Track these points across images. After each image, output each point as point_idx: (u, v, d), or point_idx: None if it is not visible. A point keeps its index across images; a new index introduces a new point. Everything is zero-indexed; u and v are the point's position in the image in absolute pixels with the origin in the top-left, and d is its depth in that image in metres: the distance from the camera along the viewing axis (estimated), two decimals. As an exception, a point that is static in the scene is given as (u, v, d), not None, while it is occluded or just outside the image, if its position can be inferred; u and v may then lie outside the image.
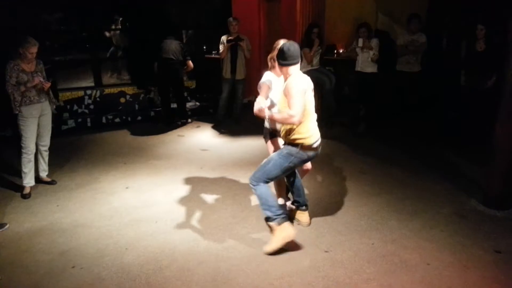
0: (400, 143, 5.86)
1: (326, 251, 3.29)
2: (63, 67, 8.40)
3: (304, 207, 3.69)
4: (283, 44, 3.16)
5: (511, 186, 3.90)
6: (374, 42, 6.14)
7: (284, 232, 3.21)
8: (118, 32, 8.67)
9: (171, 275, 3.05)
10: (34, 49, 4.24)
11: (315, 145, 3.23)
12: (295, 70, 3.16)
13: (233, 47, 6.54)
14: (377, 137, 6.12)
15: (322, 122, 6.34)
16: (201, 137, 6.49)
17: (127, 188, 4.61)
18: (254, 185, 3.25)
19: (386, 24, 7.30)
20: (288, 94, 3.06)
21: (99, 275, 3.08)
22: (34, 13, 6.51)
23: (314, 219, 3.78)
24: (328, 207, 4.05)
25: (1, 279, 3.02)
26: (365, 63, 6.22)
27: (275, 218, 3.22)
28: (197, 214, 3.94)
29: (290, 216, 3.66)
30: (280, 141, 3.53)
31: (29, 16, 6.33)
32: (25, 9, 6.25)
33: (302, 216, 3.69)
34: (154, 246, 3.43)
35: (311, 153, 3.25)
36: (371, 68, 6.23)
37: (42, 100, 4.45)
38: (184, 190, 4.50)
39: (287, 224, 3.26)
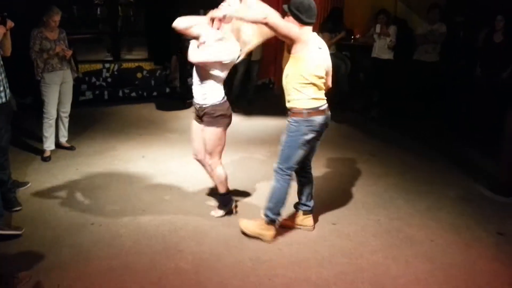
0: (411, 129, 5.92)
1: (333, 224, 3.42)
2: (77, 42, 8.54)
3: (311, 211, 3.34)
4: None
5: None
6: (392, 29, 6.18)
7: (267, 232, 3.11)
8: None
9: (186, 235, 3.21)
10: (57, 17, 4.39)
11: (321, 108, 2.93)
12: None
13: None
14: (389, 123, 6.18)
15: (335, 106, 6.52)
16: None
17: (143, 157, 4.76)
18: (279, 174, 3.03)
19: (404, 13, 7.30)
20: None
21: (117, 232, 3.25)
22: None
23: (324, 195, 3.88)
24: (337, 185, 4.16)
25: (24, 231, 3.19)
26: (382, 49, 6.26)
27: (272, 219, 3.10)
28: (210, 185, 4.07)
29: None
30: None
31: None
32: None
33: (307, 219, 3.32)
34: (169, 211, 3.59)
35: (320, 118, 2.92)
36: (388, 55, 6.27)
37: (64, 68, 4.60)
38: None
39: (273, 228, 3.13)
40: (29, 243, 3.08)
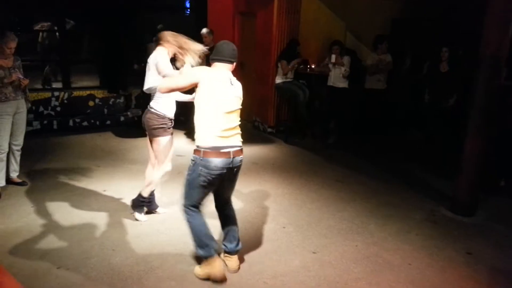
0: (368, 155, 6.14)
1: (314, 252, 3.41)
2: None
3: (230, 253, 3.12)
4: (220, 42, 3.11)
5: (476, 195, 4.25)
6: (346, 59, 6.47)
7: (212, 267, 2.92)
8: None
9: (164, 275, 3.03)
10: (13, 44, 4.14)
11: (219, 150, 2.78)
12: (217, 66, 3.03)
13: (209, 56, 6.61)
14: (346, 149, 6.38)
15: (295, 133, 6.65)
16: (175, 143, 6.27)
17: (104, 191, 4.50)
18: (184, 212, 2.95)
19: (354, 44, 7.68)
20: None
21: (87, 275, 3.00)
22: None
23: (299, 223, 3.90)
24: (309, 212, 4.18)
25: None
26: (337, 78, 6.51)
27: (206, 257, 2.92)
28: (181, 217, 3.92)
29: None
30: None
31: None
32: None
33: (229, 260, 3.11)
34: (142, 248, 3.39)
35: (217, 161, 2.77)
36: (343, 84, 6.53)
37: (19, 97, 4.32)
38: (165, 194, 4.46)
39: (216, 260, 2.92)
40: (-14, 294, 2.75)
